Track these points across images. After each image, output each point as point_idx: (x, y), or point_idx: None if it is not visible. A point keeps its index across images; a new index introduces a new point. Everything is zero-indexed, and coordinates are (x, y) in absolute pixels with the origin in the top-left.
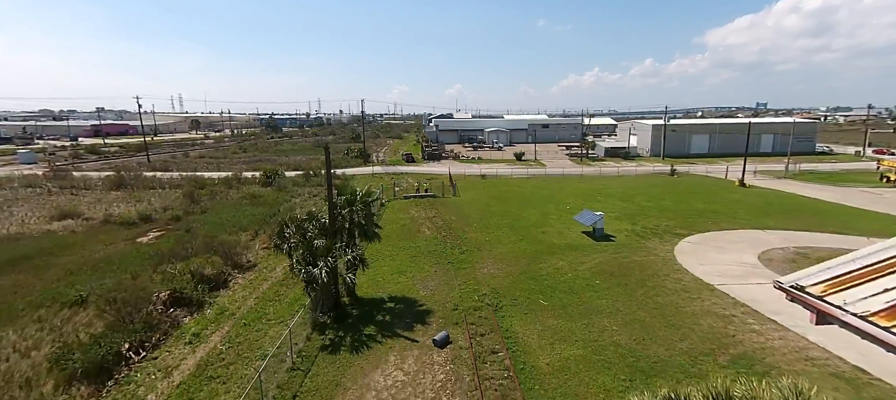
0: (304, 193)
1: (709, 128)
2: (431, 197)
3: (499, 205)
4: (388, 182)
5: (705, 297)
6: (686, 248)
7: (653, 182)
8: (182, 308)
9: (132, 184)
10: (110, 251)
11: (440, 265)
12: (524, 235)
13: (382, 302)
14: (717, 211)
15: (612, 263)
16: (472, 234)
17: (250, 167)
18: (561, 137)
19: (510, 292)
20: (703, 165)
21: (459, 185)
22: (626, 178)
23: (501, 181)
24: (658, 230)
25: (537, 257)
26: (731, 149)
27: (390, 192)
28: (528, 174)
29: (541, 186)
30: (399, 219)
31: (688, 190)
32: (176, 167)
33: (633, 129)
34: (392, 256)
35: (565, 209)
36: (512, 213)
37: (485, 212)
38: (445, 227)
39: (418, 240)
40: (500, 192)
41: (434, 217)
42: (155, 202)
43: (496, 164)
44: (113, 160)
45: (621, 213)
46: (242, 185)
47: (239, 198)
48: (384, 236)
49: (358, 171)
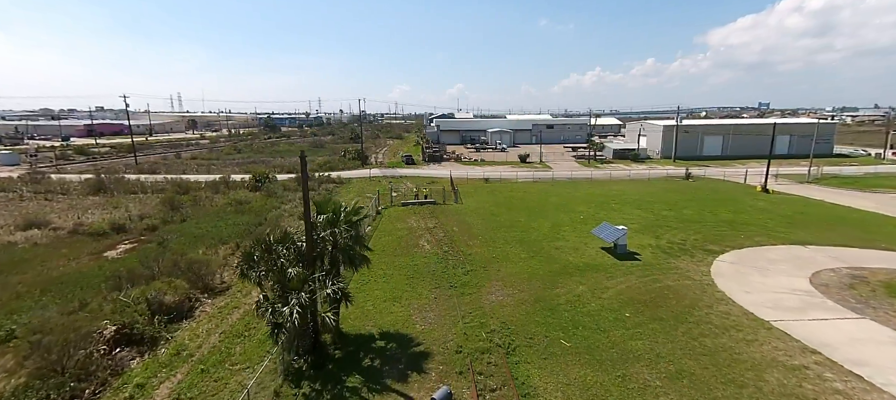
0: (296, 199)
1: (722, 129)
2: (432, 204)
3: (505, 213)
4: (385, 186)
5: (763, 338)
6: (724, 269)
7: (668, 187)
8: (131, 347)
9: (112, 188)
10: (70, 269)
11: (441, 289)
12: (535, 251)
13: (371, 340)
14: (746, 222)
15: (642, 288)
16: (476, 248)
17: (243, 169)
18: (566, 138)
19: (524, 328)
20: (718, 168)
21: (462, 189)
22: (638, 182)
23: (506, 186)
24: (686, 246)
25: (553, 280)
26: (745, 151)
27: (387, 198)
28: (533, 178)
29: (549, 192)
30: (396, 230)
31: (708, 197)
32: (164, 169)
33: (643, 130)
34: (386, 276)
35: (578, 219)
36: (520, 223)
37: (490, 222)
38: (447, 240)
39: (416, 256)
40: (505, 198)
41: (434, 228)
42: (133, 209)
43: (500, 166)
44: (100, 161)
45: (641, 224)
46: (231, 189)
47: (224, 204)
48: (379, 250)
49: (355, 174)
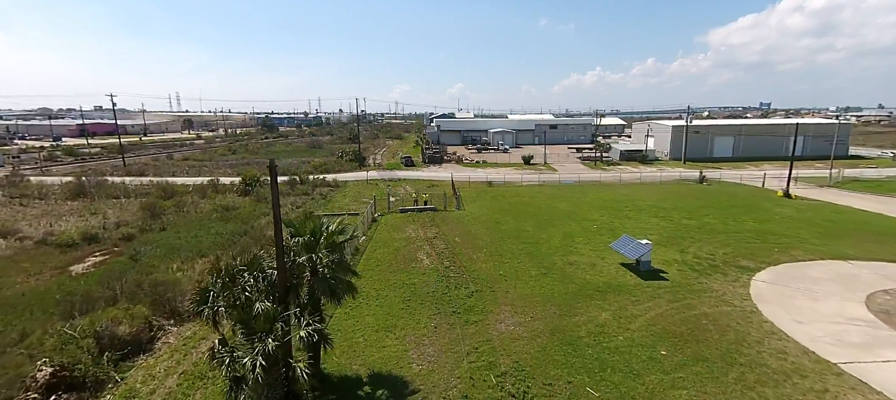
0: (287, 204)
1: (733, 129)
2: (432, 211)
3: (511, 221)
4: (382, 190)
5: (835, 388)
6: (764, 291)
7: (683, 191)
8: (70, 394)
9: (93, 192)
10: (28, 287)
11: (442, 315)
12: (548, 267)
13: (358, 384)
14: (775, 232)
15: (675, 317)
16: (481, 263)
17: (236, 172)
18: (570, 139)
19: (541, 369)
20: (731, 170)
21: (463, 193)
22: (650, 186)
23: (511, 190)
24: (715, 261)
25: (570, 304)
26: (757, 152)
27: (384, 204)
28: (539, 181)
29: (556, 197)
30: (393, 240)
31: (727, 203)
32: (153, 171)
33: (651, 131)
34: (379, 297)
35: (592, 229)
36: (528, 233)
37: (495, 231)
38: (448, 252)
39: (414, 272)
40: (510, 203)
41: (435, 238)
42: (112, 215)
43: (503, 168)
44: (88, 163)
45: (662, 235)
46: (219, 193)
47: (210, 210)
48: (373, 265)
49: (351, 177)
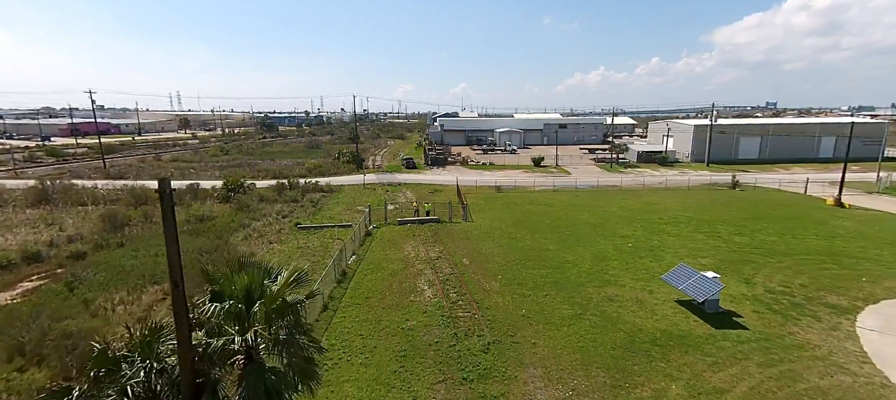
0: (272, 213)
1: (760, 129)
2: (435, 222)
3: (528, 237)
4: (380, 196)
5: None
6: (882, 347)
7: (718, 199)
8: None
9: (58, 198)
10: None
11: (449, 382)
12: (582, 304)
13: None
14: (849, 253)
15: (778, 396)
16: (496, 296)
17: (224, 174)
18: (580, 139)
19: None
20: (763, 174)
21: (471, 199)
22: (678, 192)
23: (523, 196)
24: (795, 297)
25: (622, 367)
26: (785, 153)
27: (381, 213)
28: (553, 186)
29: (576, 205)
30: (388, 261)
31: (775, 214)
32: (134, 174)
33: (670, 130)
34: (365, 350)
35: (627, 248)
36: (550, 253)
37: (510, 250)
38: (455, 279)
39: (412, 309)
40: (524, 213)
41: (438, 259)
42: (69, 227)
43: (512, 170)
44: (70, 164)
45: (716, 258)
46: (198, 198)
47: (182, 220)
48: (362, 297)
49: (348, 180)
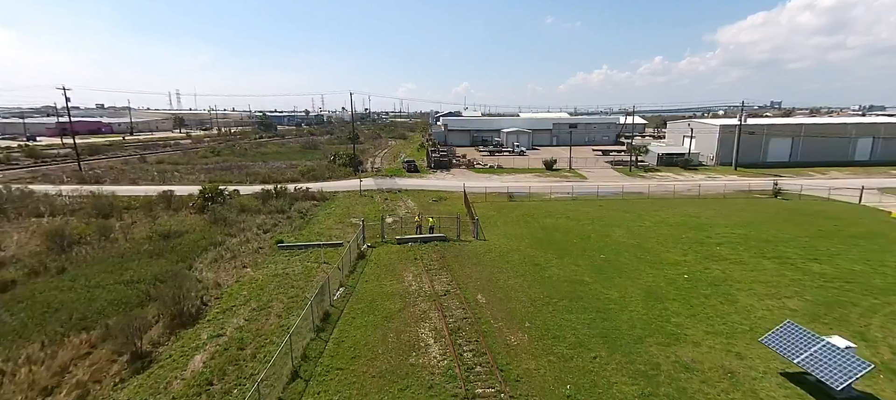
0: (253, 227)
1: (791, 129)
2: (440, 240)
3: (555, 261)
4: (378, 206)
5: None
6: None
7: (765, 210)
8: None
9: (12, 208)
10: None
11: None
12: (648, 375)
13: None
14: None
15: None
16: (526, 358)
17: (209, 177)
18: (592, 139)
19: None
20: (800, 180)
21: (481, 210)
22: (714, 201)
23: (540, 206)
24: None
25: None
26: (819, 156)
27: (378, 227)
28: (572, 193)
29: (603, 218)
30: (383, 298)
31: (845, 231)
32: (112, 178)
33: (693, 131)
34: None
35: (683, 281)
36: (587, 287)
37: (536, 282)
38: (469, 328)
39: (413, 382)
40: (544, 228)
41: (446, 295)
42: (11, 245)
43: (522, 175)
44: (48, 165)
45: (804, 298)
46: (172, 208)
47: (145, 237)
48: (347, 357)
49: (343, 186)
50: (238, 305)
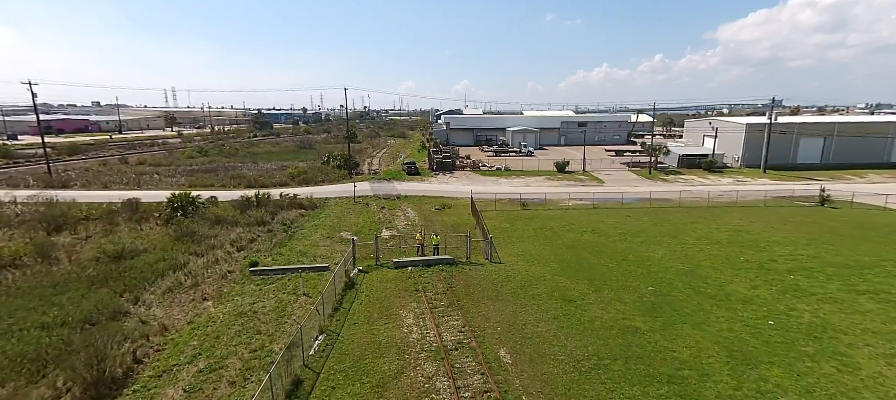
0: (226, 243)
1: (823, 128)
2: (448, 264)
3: (592, 295)
4: (374, 214)
5: None
6: None
7: (823, 223)
8: None
9: None
10: None
11: None
12: None
13: None
14: None
15: None
16: None
17: (189, 182)
18: (602, 138)
19: None
20: (838, 185)
21: (492, 221)
22: (754, 210)
23: (558, 216)
24: None
25: None
26: (852, 157)
27: (371, 247)
28: (592, 199)
29: (637, 233)
30: (374, 352)
31: None
32: (83, 182)
33: (716, 130)
34: None
35: (769, 329)
36: (644, 339)
37: (575, 329)
38: None
39: None
40: (569, 246)
41: (457, 349)
42: None
43: (532, 177)
44: (18, 167)
45: None
46: (134, 219)
47: (89, 259)
48: None
49: (336, 191)
50: (182, 364)
